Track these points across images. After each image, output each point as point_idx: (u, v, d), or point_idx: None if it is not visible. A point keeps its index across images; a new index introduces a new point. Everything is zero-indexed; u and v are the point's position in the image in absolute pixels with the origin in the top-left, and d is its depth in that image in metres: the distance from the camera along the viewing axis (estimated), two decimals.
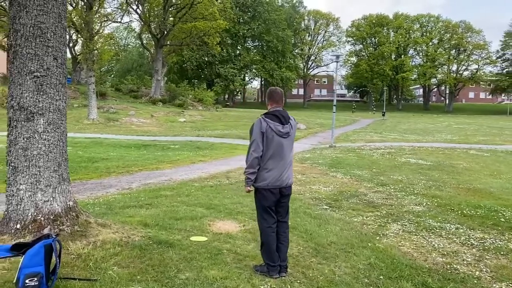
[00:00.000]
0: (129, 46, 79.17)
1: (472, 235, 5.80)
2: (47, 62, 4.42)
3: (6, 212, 4.46)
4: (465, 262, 4.80)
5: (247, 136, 21.40)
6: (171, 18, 42.79)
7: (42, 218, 4.39)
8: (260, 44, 75.58)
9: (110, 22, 36.79)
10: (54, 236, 3.67)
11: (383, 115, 51.82)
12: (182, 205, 7.01)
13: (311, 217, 6.50)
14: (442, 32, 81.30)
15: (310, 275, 4.23)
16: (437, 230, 6.02)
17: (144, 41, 51.07)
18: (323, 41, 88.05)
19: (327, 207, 7.37)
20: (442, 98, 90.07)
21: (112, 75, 74.82)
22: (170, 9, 41.94)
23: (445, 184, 9.81)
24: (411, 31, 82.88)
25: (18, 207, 4.38)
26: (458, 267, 4.63)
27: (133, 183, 9.59)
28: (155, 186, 9.15)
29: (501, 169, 12.44)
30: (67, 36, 37.86)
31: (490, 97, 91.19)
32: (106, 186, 9.24)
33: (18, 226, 4.35)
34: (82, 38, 29.59)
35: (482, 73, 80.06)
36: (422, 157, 14.81)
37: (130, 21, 62.93)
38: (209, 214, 6.46)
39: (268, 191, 4.18)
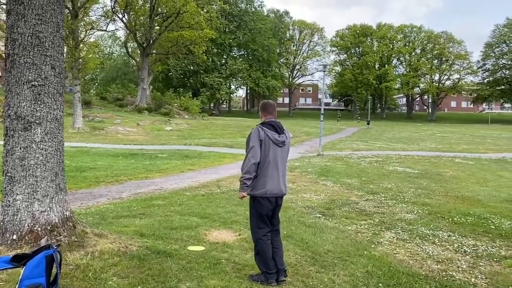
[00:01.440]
0: (113, 54, 78.64)
1: (465, 242, 5.90)
2: (45, 71, 4.39)
3: (2, 223, 4.39)
4: (460, 269, 4.88)
5: (234, 145, 21.47)
6: (157, 27, 42.76)
7: (39, 229, 4.33)
8: (246, 52, 75.92)
9: (96, 30, 36.55)
10: (55, 247, 3.63)
11: (368, 123, 52.37)
12: (176, 215, 6.98)
13: (306, 226, 6.54)
14: (424, 42, 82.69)
15: (310, 283, 4.25)
16: (430, 238, 6.11)
17: (129, 50, 50.88)
18: (308, 50, 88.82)
19: (320, 216, 7.41)
20: (425, 107, 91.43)
21: (97, 84, 74.11)
22: (156, 18, 41.91)
23: (433, 192, 9.95)
24: (394, 41, 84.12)
25: (15, 217, 4.32)
26: (454, 274, 4.71)
27: (124, 193, 9.51)
28: (146, 196, 9.10)
29: (487, 177, 12.68)
30: None
31: (471, 106, 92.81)
32: (97, 195, 9.15)
33: (15, 237, 4.28)
34: (67, 46, 29.32)
35: (464, 83, 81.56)
36: (409, 166, 15.01)
37: (115, 29, 62.30)
38: (204, 223, 6.45)
39: (266, 199, 4.22)
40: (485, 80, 78.30)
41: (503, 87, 75.95)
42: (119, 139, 24.89)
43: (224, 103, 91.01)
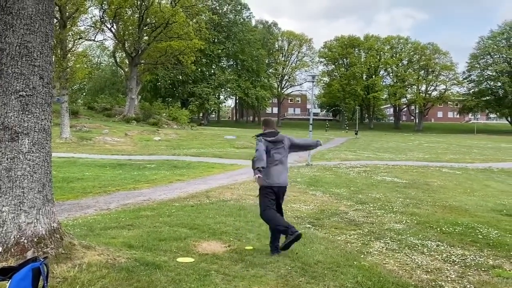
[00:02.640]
0: (102, 64, 78.32)
1: (453, 252, 5.94)
2: (33, 81, 4.35)
3: None
4: (449, 279, 4.89)
5: (223, 155, 21.44)
6: (146, 37, 42.77)
7: (26, 241, 4.26)
8: (235, 63, 76.31)
9: (84, 40, 36.41)
10: (41, 259, 3.57)
11: (356, 134, 52.74)
12: (164, 226, 6.92)
13: None
14: (411, 53, 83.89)
15: None
16: (419, 248, 6.14)
17: (118, 60, 50.77)
18: (297, 61, 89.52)
19: (310, 226, 7.41)
20: (412, 117, 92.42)
21: (84, 93, 73.66)
22: (145, 28, 41.96)
23: (422, 202, 10.02)
24: (381, 52, 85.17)
25: (0, 229, 4.23)
26: (443, 283, 4.72)
27: (112, 204, 9.42)
28: (135, 207, 9.01)
29: (474, 187, 12.81)
30: None
31: (457, 116, 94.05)
32: (84, 206, 9.05)
33: (0, 249, 4.20)
34: (55, 56, 29.15)
35: (450, 93, 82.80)
36: (397, 175, 15.11)
37: (104, 39, 61.86)
38: (193, 234, 6.40)
39: None
40: (471, 91, 79.60)
41: (488, 97, 77.28)
42: (107, 149, 24.72)
43: (213, 113, 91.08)
